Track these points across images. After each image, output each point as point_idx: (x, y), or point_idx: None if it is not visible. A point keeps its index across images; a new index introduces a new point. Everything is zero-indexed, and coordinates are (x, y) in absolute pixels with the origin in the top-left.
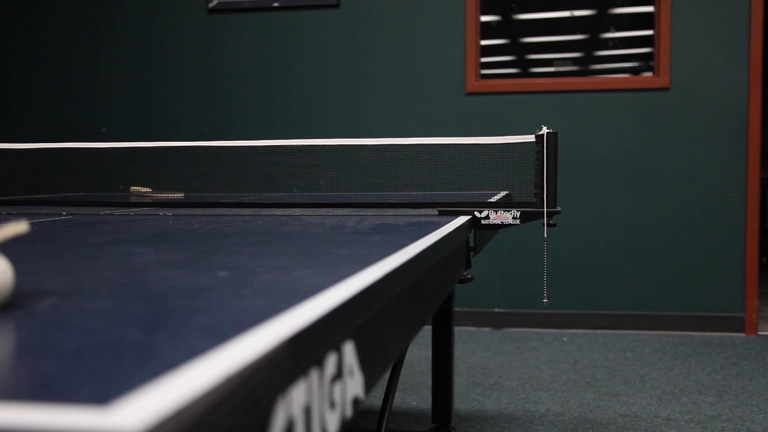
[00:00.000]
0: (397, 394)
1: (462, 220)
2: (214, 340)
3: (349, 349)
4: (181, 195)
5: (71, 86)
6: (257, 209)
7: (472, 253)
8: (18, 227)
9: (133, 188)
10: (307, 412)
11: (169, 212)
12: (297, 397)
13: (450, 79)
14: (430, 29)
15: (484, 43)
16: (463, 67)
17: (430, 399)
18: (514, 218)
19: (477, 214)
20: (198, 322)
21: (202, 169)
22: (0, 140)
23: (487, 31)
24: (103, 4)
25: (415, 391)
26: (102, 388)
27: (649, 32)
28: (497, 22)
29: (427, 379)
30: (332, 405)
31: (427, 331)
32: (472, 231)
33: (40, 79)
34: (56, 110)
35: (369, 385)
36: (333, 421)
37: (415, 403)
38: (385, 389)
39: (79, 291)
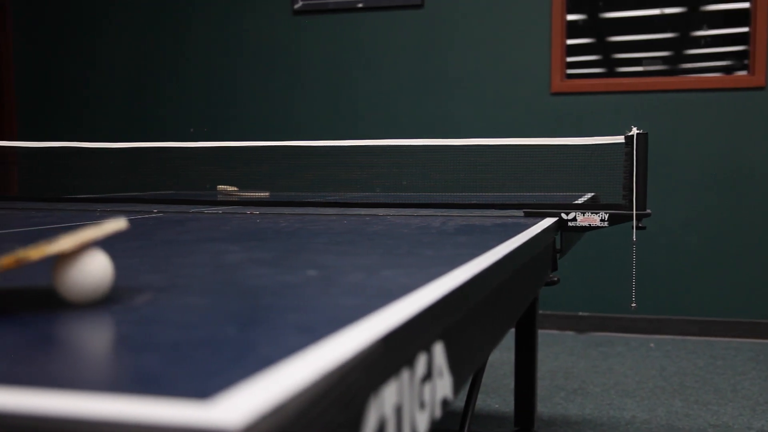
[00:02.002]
0: (479, 396)
1: (549, 221)
2: (309, 338)
3: (438, 350)
4: (267, 194)
5: (161, 87)
6: (342, 209)
7: (558, 255)
8: (117, 224)
9: (220, 187)
10: (398, 411)
11: (256, 211)
12: (389, 396)
13: (535, 79)
14: (514, 29)
15: (569, 42)
16: (549, 67)
17: (513, 402)
18: (602, 221)
19: (564, 216)
20: (291, 320)
21: (287, 168)
22: (93, 140)
23: (573, 30)
24: (190, 5)
25: (497, 393)
26: (202, 382)
27: (744, 29)
28: (583, 21)
29: (510, 381)
30: (422, 405)
31: (509, 333)
32: (559, 233)
33: (130, 80)
34: (146, 110)
35: (457, 386)
36: (423, 421)
37: (497, 406)
38: (467, 391)
39: (174, 287)
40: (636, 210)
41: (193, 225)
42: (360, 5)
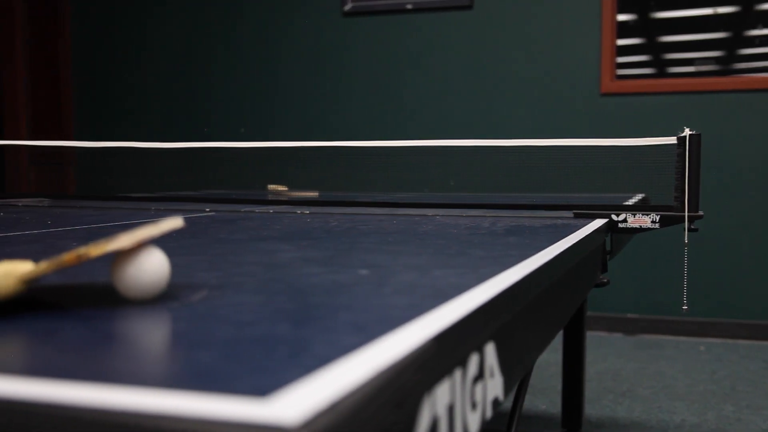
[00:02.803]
0: (526, 396)
1: (599, 223)
2: (363, 337)
3: (490, 350)
4: (316, 193)
5: (212, 88)
6: (391, 209)
7: (608, 256)
8: (174, 222)
9: (271, 186)
10: (451, 411)
11: (306, 210)
12: (441, 396)
13: (584, 80)
14: (564, 29)
15: (620, 42)
16: (598, 68)
17: (560, 403)
18: (653, 222)
19: (614, 217)
20: (344, 319)
21: (336, 168)
22: (147, 140)
23: (624, 30)
24: (241, 8)
25: (544, 394)
26: (259, 379)
27: None
28: (634, 20)
29: (557, 383)
30: (474, 405)
31: (557, 334)
32: (609, 234)
33: (182, 81)
34: (197, 111)
35: (508, 386)
36: (474, 421)
37: (544, 407)
38: (515, 391)
39: (228, 285)
40: (688, 212)
41: (245, 224)
42: (409, 6)
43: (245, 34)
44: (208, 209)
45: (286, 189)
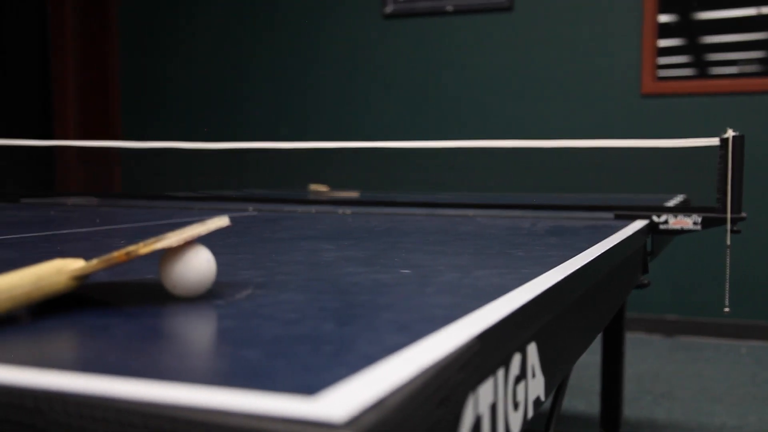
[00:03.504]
0: (564, 397)
1: (640, 224)
2: (407, 336)
3: (532, 351)
4: (357, 193)
5: (253, 88)
6: (431, 209)
7: (649, 257)
8: (220, 221)
9: (312, 186)
10: (493, 410)
11: (347, 210)
12: (484, 395)
13: (625, 81)
14: (605, 30)
15: (661, 43)
16: (639, 69)
17: (598, 404)
18: (695, 224)
19: (655, 218)
20: (388, 318)
21: (376, 169)
22: (190, 140)
23: (665, 31)
24: (282, 10)
25: (582, 395)
26: (304, 377)
27: None
28: (676, 21)
29: (595, 383)
30: (516, 405)
31: (598, 335)
32: (650, 235)
33: (224, 82)
34: (239, 111)
35: (549, 387)
36: (516, 421)
37: (582, 408)
38: (554, 391)
39: (272, 283)
40: (731, 213)
41: (287, 223)
42: (449, 8)
43: (286, 36)
44: (250, 208)
45: (327, 189)
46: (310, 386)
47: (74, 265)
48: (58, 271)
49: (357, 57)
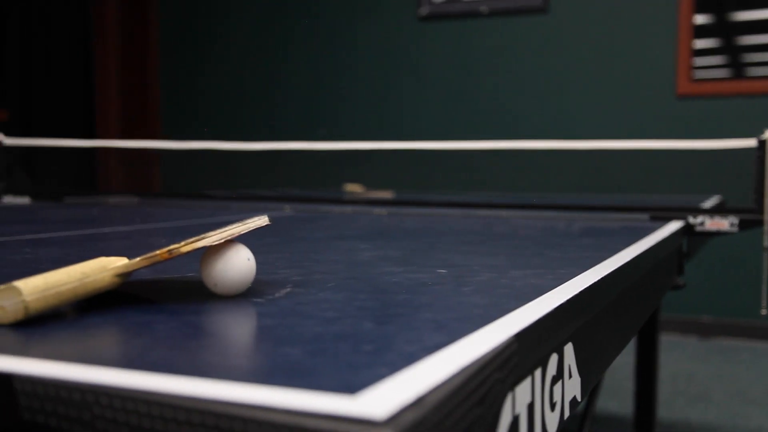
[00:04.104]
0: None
1: (675, 225)
2: (445, 336)
3: (569, 351)
4: (391, 193)
5: (288, 90)
6: (466, 209)
7: (684, 259)
8: (260, 221)
9: (348, 186)
10: (530, 410)
11: (383, 210)
12: (522, 394)
13: (660, 82)
14: (640, 31)
15: (697, 44)
16: (674, 70)
17: (631, 405)
18: (731, 225)
19: (691, 220)
20: (426, 317)
21: (411, 169)
22: (227, 139)
23: (701, 31)
24: (319, 12)
25: (615, 396)
26: (346, 375)
27: None
28: (712, 22)
29: (628, 384)
30: (552, 405)
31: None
32: (685, 237)
33: (259, 83)
34: (275, 112)
35: (586, 387)
36: (553, 421)
37: (615, 409)
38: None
39: (310, 282)
40: None
41: (323, 223)
42: (484, 10)
43: (322, 38)
44: (287, 208)
45: (362, 189)
46: (351, 384)
47: (118, 262)
48: (103, 268)
49: (392, 58)
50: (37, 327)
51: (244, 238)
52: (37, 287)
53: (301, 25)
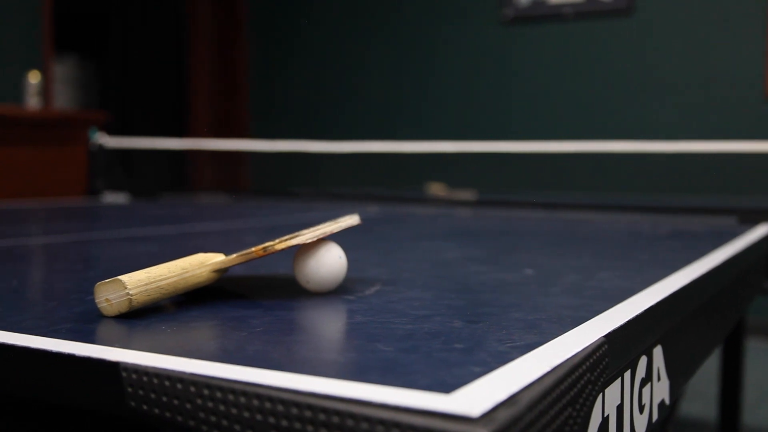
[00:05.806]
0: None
1: (765, 229)
2: (537, 335)
3: (658, 354)
4: (474, 193)
5: (374, 91)
6: (549, 210)
7: None
8: (352, 220)
9: (431, 186)
10: (620, 411)
11: (467, 210)
12: (611, 395)
13: (748, 84)
14: (727, 33)
15: None
16: (763, 71)
17: (714, 408)
18: None
19: None
20: (516, 317)
21: (494, 169)
22: (314, 138)
23: None
24: (403, 16)
25: (698, 399)
26: (440, 373)
27: None
28: None
29: (711, 387)
30: (641, 408)
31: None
32: None
33: (345, 86)
34: (359, 113)
35: (674, 390)
36: (641, 423)
37: (697, 412)
38: None
39: (399, 280)
40: None
41: (408, 222)
42: (568, 13)
43: (407, 41)
44: (373, 207)
45: (445, 189)
46: (445, 382)
47: (215, 258)
48: (201, 264)
49: (476, 61)
50: (140, 320)
51: (333, 237)
52: (141, 281)
53: (385, 30)
